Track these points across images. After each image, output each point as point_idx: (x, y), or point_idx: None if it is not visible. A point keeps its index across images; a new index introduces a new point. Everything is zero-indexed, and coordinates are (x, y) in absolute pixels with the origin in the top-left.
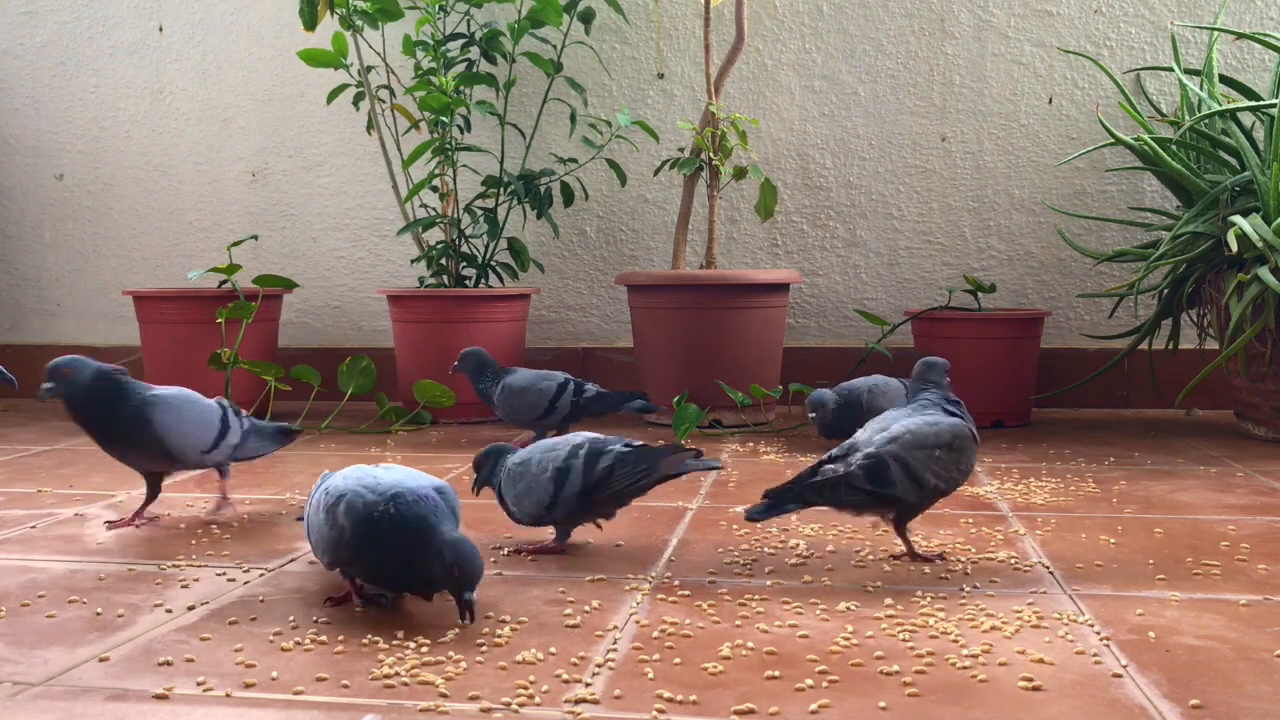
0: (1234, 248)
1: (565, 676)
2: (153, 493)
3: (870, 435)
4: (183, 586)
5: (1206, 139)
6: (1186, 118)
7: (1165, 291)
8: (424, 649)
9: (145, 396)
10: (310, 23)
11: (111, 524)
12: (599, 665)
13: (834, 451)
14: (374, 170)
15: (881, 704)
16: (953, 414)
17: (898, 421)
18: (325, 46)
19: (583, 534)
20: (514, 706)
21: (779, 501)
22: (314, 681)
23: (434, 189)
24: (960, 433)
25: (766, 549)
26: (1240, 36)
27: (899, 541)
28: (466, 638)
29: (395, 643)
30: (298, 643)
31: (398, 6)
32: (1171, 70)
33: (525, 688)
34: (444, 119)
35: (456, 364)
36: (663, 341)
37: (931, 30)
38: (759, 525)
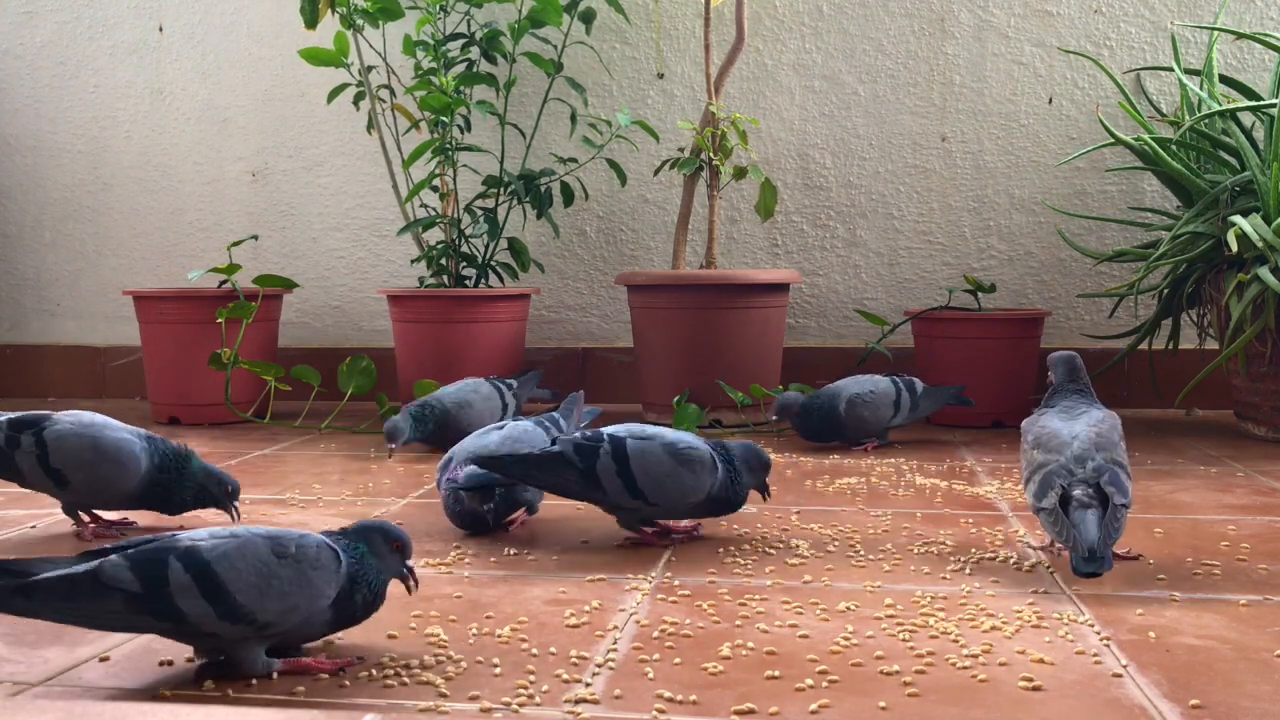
0: (1234, 248)
1: (565, 676)
2: None
3: (1074, 452)
4: None
5: (1206, 139)
6: (1186, 118)
7: (1165, 291)
8: (424, 649)
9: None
10: (311, 21)
11: None
12: (599, 665)
13: (1064, 477)
14: (374, 170)
15: (881, 704)
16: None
17: (1080, 430)
18: (326, 45)
19: (582, 534)
20: (514, 706)
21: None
22: (314, 681)
23: (434, 189)
24: (1117, 417)
25: (767, 549)
26: (1240, 36)
27: (1038, 540)
28: (466, 637)
29: (395, 643)
30: None
31: (398, 6)
32: (1171, 70)
33: (525, 688)
34: (444, 119)
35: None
36: (663, 341)
37: (931, 30)
38: (759, 526)
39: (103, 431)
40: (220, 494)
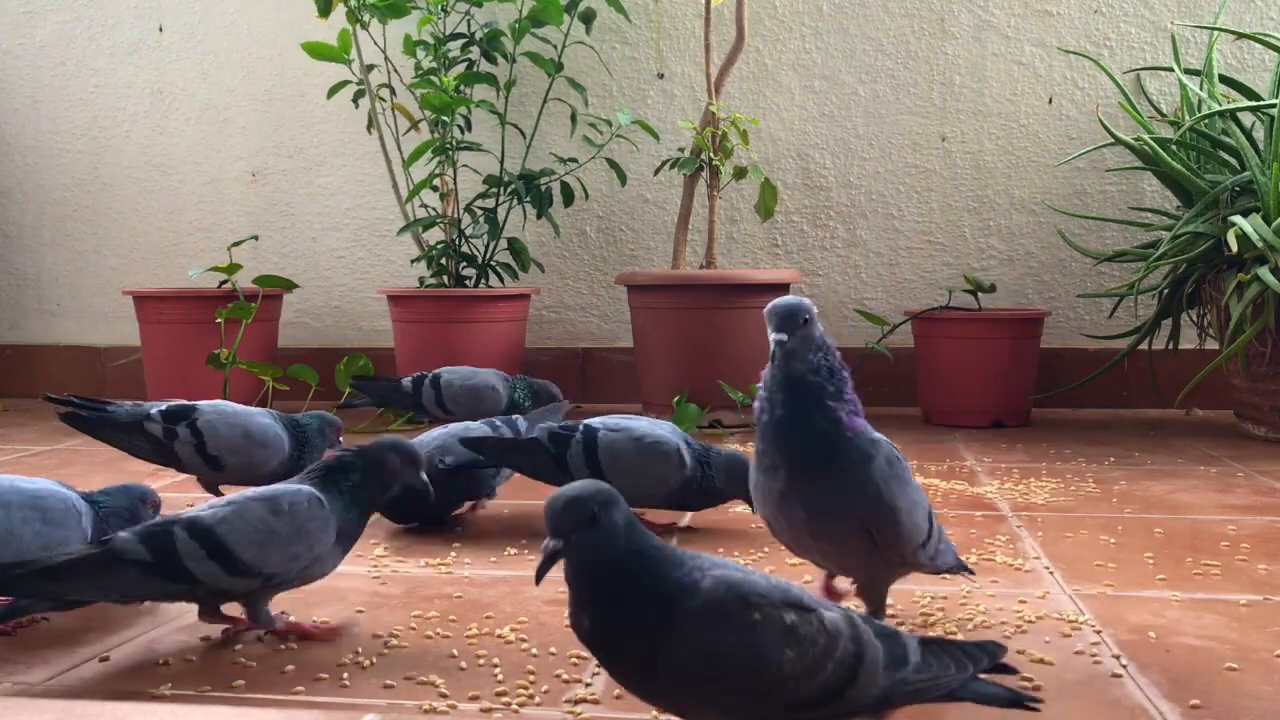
0: (1234, 248)
1: (565, 676)
2: None
3: None
4: None
5: (1206, 139)
6: (1186, 118)
7: (1165, 291)
8: (424, 649)
9: None
10: (324, 9)
11: None
12: (599, 665)
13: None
14: (374, 170)
15: None
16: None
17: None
18: (328, 41)
19: None
20: (514, 706)
21: None
22: (314, 681)
23: (434, 189)
24: None
25: (767, 549)
26: (1240, 36)
27: None
28: (466, 637)
29: (394, 643)
30: (299, 643)
31: (405, 3)
32: (1171, 70)
33: (525, 688)
34: (445, 119)
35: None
36: (663, 341)
37: (931, 30)
38: (758, 525)
39: (249, 418)
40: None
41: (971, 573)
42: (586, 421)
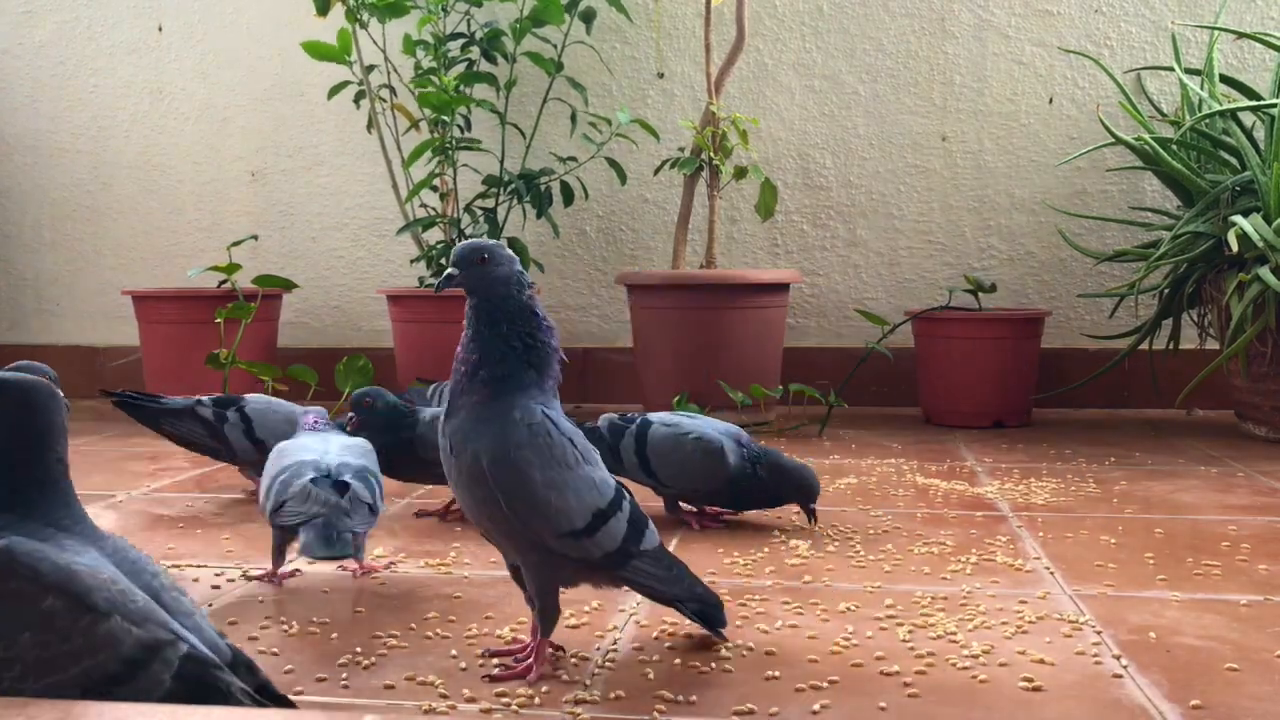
0: (1235, 247)
1: (565, 677)
2: None
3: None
4: None
5: (1207, 139)
6: (1187, 117)
7: (1166, 291)
8: (424, 649)
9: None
10: (323, 7)
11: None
12: (599, 665)
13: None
14: (374, 170)
15: (881, 704)
16: None
17: None
18: (328, 40)
19: None
20: (514, 707)
21: None
22: (314, 682)
23: (434, 188)
24: None
25: (766, 549)
26: (1241, 36)
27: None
28: (466, 637)
29: (394, 643)
30: (298, 643)
31: (404, 2)
32: (1172, 70)
33: (525, 688)
34: (444, 118)
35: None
36: (663, 341)
37: (932, 30)
38: (759, 526)
39: (287, 406)
40: None
41: (721, 636)
42: (646, 415)
